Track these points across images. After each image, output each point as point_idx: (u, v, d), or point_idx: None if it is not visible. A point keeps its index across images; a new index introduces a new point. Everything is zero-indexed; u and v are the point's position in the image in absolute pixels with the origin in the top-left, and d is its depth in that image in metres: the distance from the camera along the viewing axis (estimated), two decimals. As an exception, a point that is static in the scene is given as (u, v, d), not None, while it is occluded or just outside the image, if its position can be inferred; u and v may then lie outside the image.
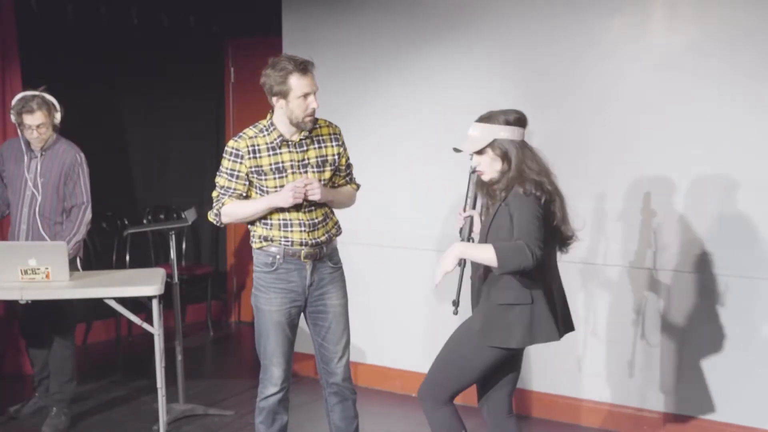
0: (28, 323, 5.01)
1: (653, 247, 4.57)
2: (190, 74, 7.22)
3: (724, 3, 4.34)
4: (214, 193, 3.68)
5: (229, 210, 3.64)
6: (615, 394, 4.74)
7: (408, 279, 5.37)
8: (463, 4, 5.10)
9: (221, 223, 3.70)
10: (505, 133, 3.22)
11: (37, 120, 4.58)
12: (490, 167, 3.27)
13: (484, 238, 3.29)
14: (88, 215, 4.73)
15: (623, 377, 4.70)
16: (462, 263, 3.37)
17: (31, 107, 4.56)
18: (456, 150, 3.34)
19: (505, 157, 3.23)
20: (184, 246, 7.14)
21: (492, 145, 3.23)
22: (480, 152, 3.26)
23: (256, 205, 3.61)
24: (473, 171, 3.37)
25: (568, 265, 4.57)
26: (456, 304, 3.39)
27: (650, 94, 4.54)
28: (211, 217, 3.70)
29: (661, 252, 4.55)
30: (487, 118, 3.25)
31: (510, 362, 3.39)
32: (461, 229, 3.44)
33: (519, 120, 3.25)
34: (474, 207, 3.44)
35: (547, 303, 3.25)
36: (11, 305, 5.41)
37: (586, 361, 4.82)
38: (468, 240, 3.40)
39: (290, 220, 3.61)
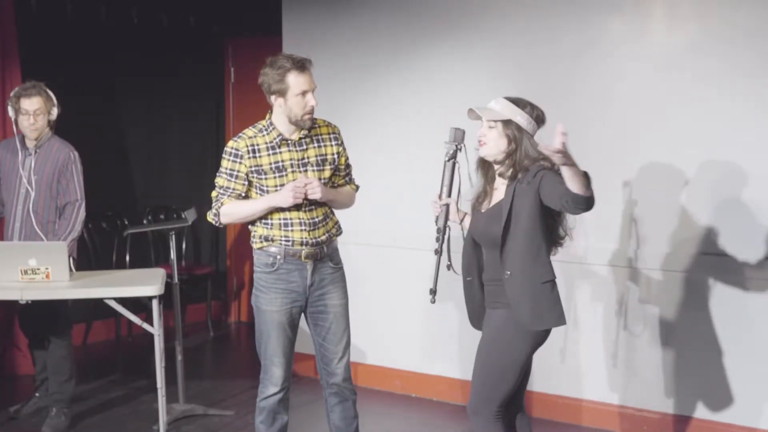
0: (27, 323, 5.02)
1: (653, 247, 4.57)
2: (190, 74, 7.23)
3: (724, 3, 4.34)
4: (214, 194, 3.68)
5: (228, 210, 3.64)
6: (615, 394, 4.74)
7: (408, 279, 5.37)
8: (463, 3, 5.10)
9: (220, 224, 3.70)
10: (522, 120, 3.25)
11: (35, 105, 4.61)
12: (495, 144, 3.28)
13: (498, 222, 3.23)
14: (83, 212, 4.74)
15: (623, 377, 4.70)
16: (439, 252, 3.38)
17: (30, 92, 4.62)
18: (470, 112, 3.30)
19: (513, 140, 3.25)
20: (184, 246, 7.14)
21: (506, 123, 3.25)
22: (492, 126, 3.27)
23: (256, 204, 3.62)
24: (449, 159, 3.39)
25: (569, 265, 4.60)
26: (433, 292, 3.40)
27: (650, 94, 4.54)
28: (210, 217, 3.70)
29: (662, 252, 4.55)
30: (513, 100, 3.28)
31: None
32: (437, 218, 3.44)
33: (539, 118, 3.30)
34: (450, 195, 3.44)
35: None
36: (11, 305, 5.40)
37: (585, 362, 4.82)
38: (444, 229, 3.40)
39: (290, 219, 3.61)
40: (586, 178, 2.98)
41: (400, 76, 5.34)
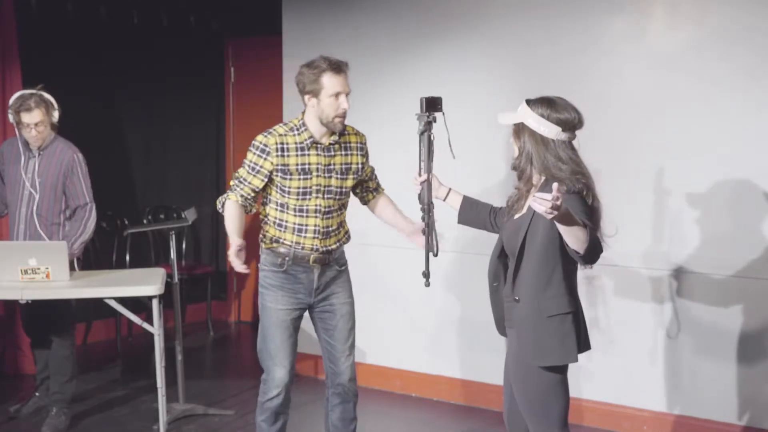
0: (29, 323, 5.01)
1: (652, 245, 4.57)
2: (190, 74, 7.23)
3: (724, 2, 4.34)
4: (231, 182, 3.68)
5: (227, 209, 3.64)
6: (615, 394, 4.74)
7: (407, 279, 5.35)
8: (463, 4, 5.10)
9: (222, 212, 3.70)
10: (534, 122, 2.96)
11: (36, 118, 4.58)
12: (513, 150, 3.08)
13: (517, 237, 3.00)
14: (94, 215, 4.73)
15: (623, 377, 4.70)
16: (426, 232, 3.29)
17: (29, 105, 4.56)
18: (499, 119, 3.13)
19: (523, 147, 3.01)
20: (184, 246, 7.14)
21: (518, 127, 3.02)
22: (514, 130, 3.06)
23: (229, 224, 3.60)
24: (422, 133, 3.29)
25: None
26: (426, 276, 3.31)
27: (650, 94, 4.54)
28: (218, 204, 3.70)
29: (660, 251, 4.54)
30: (530, 100, 3.01)
31: None
32: (419, 195, 3.34)
33: (561, 121, 2.96)
34: (429, 170, 3.32)
35: (581, 310, 3.10)
36: (12, 305, 5.41)
37: (585, 361, 4.81)
38: (428, 206, 3.29)
39: (306, 225, 3.61)
40: (585, 233, 2.74)
41: (399, 76, 5.34)
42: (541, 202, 2.58)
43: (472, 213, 3.45)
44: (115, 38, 6.68)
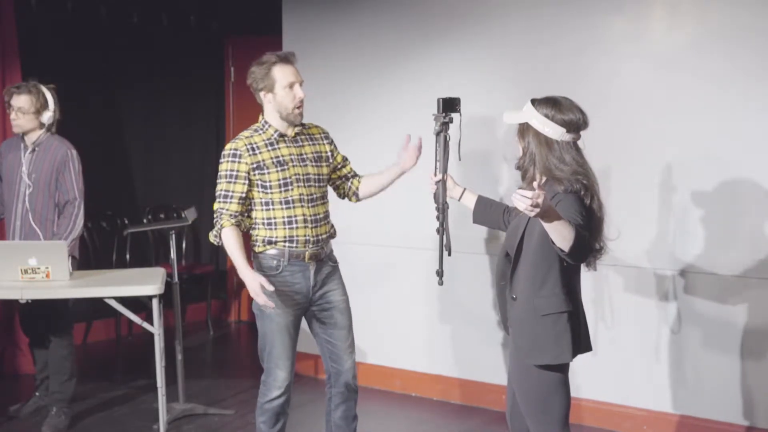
0: (28, 322, 5.02)
1: (651, 245, 4.57)
2: (190, 74, 7.23)
3: (724, 1, 4.34)
4: (215, 206, 3.60)
5: (227, 239, 3.55)
6: (615, 394, 4.74)
7: (408, 278, 5.37)
8: (464, 3, 5.10)
9: (220, 244, 3.61)
10: (538, 123, 2.96)
11: (19, 103, 4.64)
12: (518, 150, 3.08)
13: (515, 236, 3.04)
14: (82, 211, 4.73)
15: (624, 376, 4.70)
16: (440, 231, 3.30)
17: (20, 90, 4.67)
18: (504, 118, 3.13)
19: (527, 147, 3.01)
20: (184, 245, 7.15)
21: (523, 127, 3.02)
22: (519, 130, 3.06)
23: (235, 255, 3.52)
24: (438, 133, 3.31)
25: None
26: (440, 274, 3.32)
27: (650, 93, 4.54)
28: (211, 237, 3.62)
29: (660, 251, 4.55)
30: (535, 100, 3.02)
31: None
32: (435, 195, 3.36)
33: (566, 122, 2.96)
34: (445, 170, 3.34)
35: (582, 311, 3.10)
36: (12, 305, 5.41)
37: (586, 361, 4.80)
38: (443, 206, 3.30)
39: (295, 216, 3.62)
40: (570, 231, 2.73)
41: (399, 76, 5.34)
42: (521, 200, 2.60)
43: (487, 213, 3.47)
44: (115, 38, 6.68)
